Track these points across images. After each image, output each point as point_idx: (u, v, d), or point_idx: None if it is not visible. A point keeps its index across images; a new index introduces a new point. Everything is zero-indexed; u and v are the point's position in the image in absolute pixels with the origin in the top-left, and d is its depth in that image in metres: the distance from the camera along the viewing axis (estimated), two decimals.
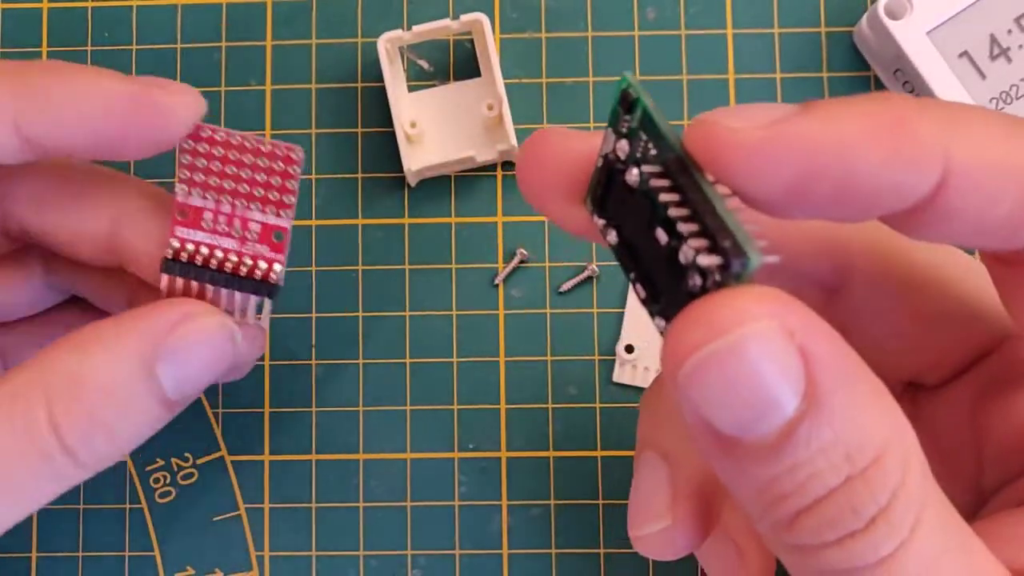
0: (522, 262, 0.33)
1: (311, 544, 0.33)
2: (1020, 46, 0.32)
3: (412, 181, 0.34)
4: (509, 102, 0.33)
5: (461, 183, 0.34)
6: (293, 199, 0.25)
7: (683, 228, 0.17)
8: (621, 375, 0.33)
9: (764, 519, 0.18)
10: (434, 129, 0.34)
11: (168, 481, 0.33)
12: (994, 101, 0.32)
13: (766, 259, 0.17)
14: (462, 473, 0.33)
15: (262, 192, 0.25)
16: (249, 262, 0.25)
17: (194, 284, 0.25)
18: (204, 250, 0.25)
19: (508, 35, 0.35)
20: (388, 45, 0.33)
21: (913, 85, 0.32)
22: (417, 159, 0.33)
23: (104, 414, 0.23)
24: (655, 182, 0.18)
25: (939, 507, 0.17)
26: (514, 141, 0.33)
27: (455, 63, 0.35)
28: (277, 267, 0.25)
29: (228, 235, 0.25)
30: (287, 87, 0.34)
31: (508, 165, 0.34)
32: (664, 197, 0.18)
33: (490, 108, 0.33)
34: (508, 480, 0.33)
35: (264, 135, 0.26)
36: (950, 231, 0.18)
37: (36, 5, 0.35)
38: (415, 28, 0.33)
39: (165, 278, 0.25)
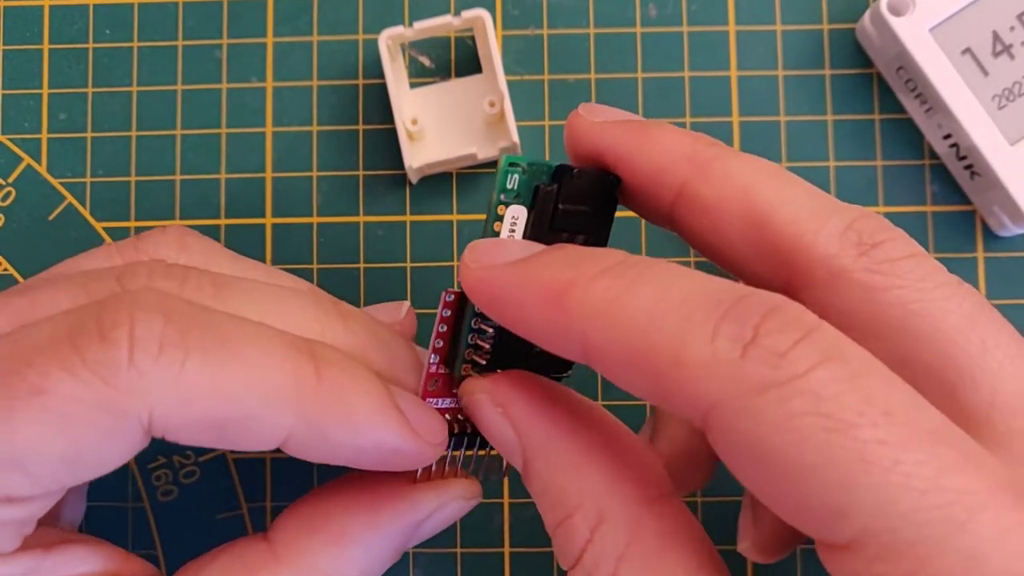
0: None
1: None
2: (1023, 43, 0.32)
3: (413, 178, 0.34)
4: (511, 99, 0.33)
5: (463, 180, 0.34)
6: None
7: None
8: None
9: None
10: (435, 126, 0.34)
11: (170, 479, 0.33)
12: (996, 99, 0.32)
13: (465, 374, 0.24)
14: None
15: None
16: None
17: (448, 453, 0.24)
18: (460, 416, 0.24)
19: (510, 32, 0.35)
20: (389, 42, 0.33)
21: (915, 82, 0.32)
22: (418, 156, 0.33)
23: None
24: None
25: (641, 568, 0.20)
26: (515, 138, 0.32)
27: (456, 60, 0.35)
28: None
29: None
30: (288, 84, 0.34)
31: None
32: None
33: (492, 105, 0.33)
34: (509, 478, 0.33)
35: None
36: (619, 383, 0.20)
37: (37, 2, 0.35)
38: (416, 25, 0.33)
39: None
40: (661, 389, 0.18)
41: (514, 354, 0.23)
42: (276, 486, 0.33)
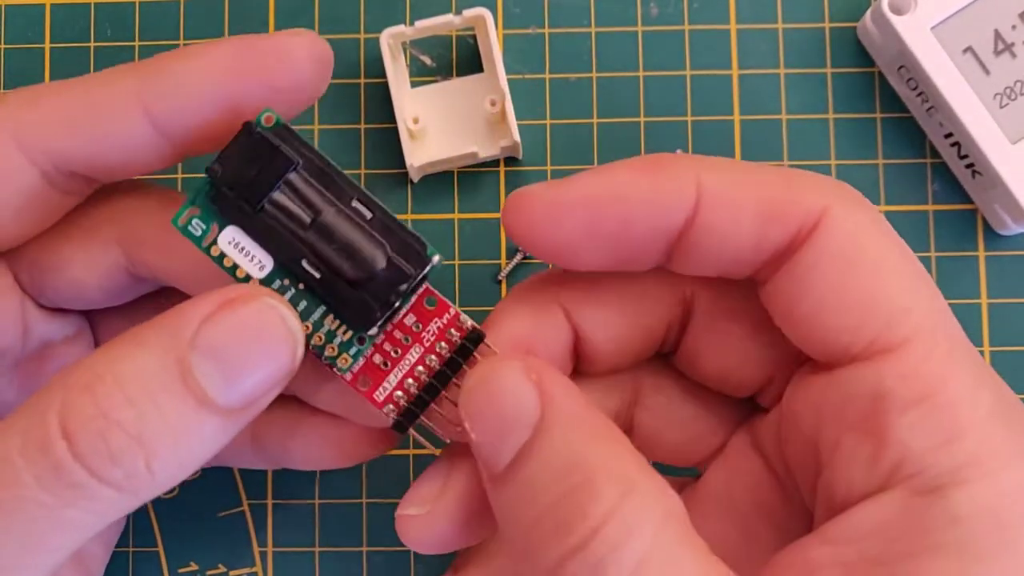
0: (525, 258, 0.33)
1: (314, 540, 0.33)
2: None
3: (415, 177, 0.34)
4: (512, 98, 0.33)
5: (464, 179, 0.34)
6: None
7: None
8: None
9: (508, 532, 0.21)
10: (437, 125, 0.34)
11: None
12: (998, 97, 0.32)
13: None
14: None
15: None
16: (443, 344, 0.23)
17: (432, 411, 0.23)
18: (410, 382, 0.23)
19: (511, 30, 0.35)
20: (391, 40, 0.33)
21: (917, 81, 0.32)
22: (420, 155, 0.33)
23: (122, 415, 0.19)
24: None
25: (677, 542, 0.19)
26: (516, 137, 0.33)
27: (458, 59, 0.35)
28: (463, 317, 0.23)
29: (405, 347, 0.23)
30: None
31: (511, 161, 0.34)
32: None
33: (493, 104, 0.33)
34: None
35: None
36: (712, 247, 0.22)
37: (39, 1, 0.35)
38: (418, 23, 0.33)
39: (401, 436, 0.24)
40: None
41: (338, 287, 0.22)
42: (277, 484, 0.33)
